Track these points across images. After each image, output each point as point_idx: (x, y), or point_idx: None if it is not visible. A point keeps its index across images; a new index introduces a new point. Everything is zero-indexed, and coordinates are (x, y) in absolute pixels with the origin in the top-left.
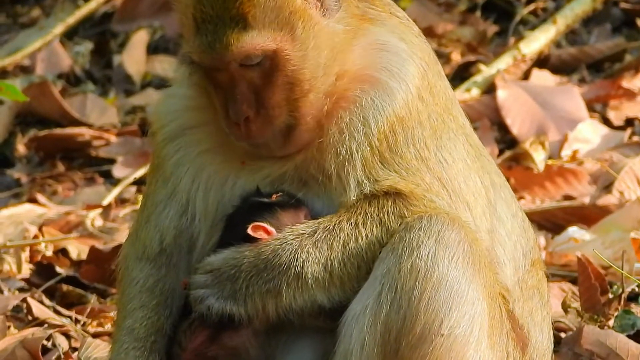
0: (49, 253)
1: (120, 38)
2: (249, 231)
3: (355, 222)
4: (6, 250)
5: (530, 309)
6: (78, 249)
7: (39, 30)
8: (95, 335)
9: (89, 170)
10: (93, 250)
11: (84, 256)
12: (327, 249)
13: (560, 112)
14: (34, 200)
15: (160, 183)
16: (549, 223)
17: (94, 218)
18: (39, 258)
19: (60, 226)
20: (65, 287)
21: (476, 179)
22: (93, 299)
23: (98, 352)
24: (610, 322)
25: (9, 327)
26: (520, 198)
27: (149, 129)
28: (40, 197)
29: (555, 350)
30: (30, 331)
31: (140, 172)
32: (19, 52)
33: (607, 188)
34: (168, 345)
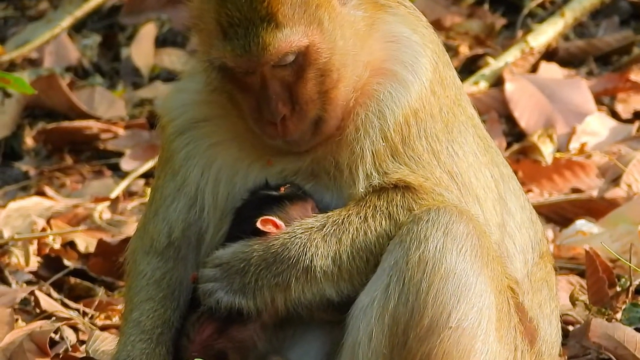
0: (57, 246)
1: (128, 31)
2: (258, 225)
3: (365, 216)
4: (14, 243)
5: (539, 302)
6: (86, 242)
7: (46, 23)
8: (103, 328)
9: (96, 163)
10: (101, 243)
11: (91, 249)
12: (336, 242)
13: (568, 105)
14: (42, 193)
15: (169, 176)
16: (557, 216)
17: (101, 211)
18: (47, 251)
19: (68, 219)
20: (73, 280)
21: (486, 172)
22: (101, 291)
23: (106, 345)
24: (618, 315)
25: (17, 320)
26: (529, 191)
27: (158, 122)
28: (48, 190)
29: (563, 344)
30: (38, 324)
31: (148, 165)
32: (27, 45)
33: (615, 181)
34: (175, 337)
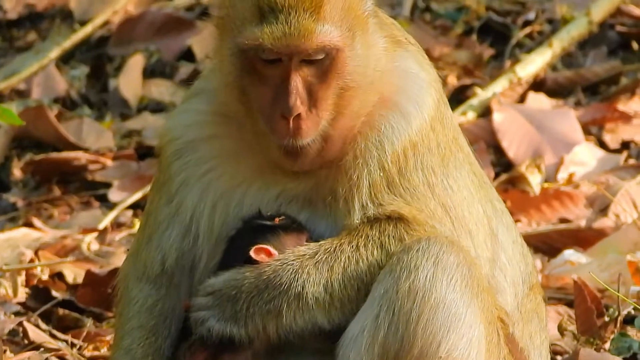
0: (45, 277)
1: (117, 62)
2: (251, 253)
3: (357, 245)
4: (2, 274)
5: (530, 333)
6: (74, 273)
7: (35, 54)
8: (91, 359)
9: (85, 194)
10: (89, 274)
11: (80, 280)
12: (328, 270)
13: (556, 135)
14: (30, 224)
15: (164, 201)
16: (545, 246)
17: (90, 242)
18: (35, 282)
19: (56, 250)
20: (61, 311)
21: (479, 207)
22: (89, 322)
23: None
24: (607, 345)
25: (5, 351)
26: (517, 221)
27: (158, 143)
28: (36, 221)
29: None
30: (26, 355)
31: (137, 196)
32: (15, 76)
33: (603, 211)
34: None
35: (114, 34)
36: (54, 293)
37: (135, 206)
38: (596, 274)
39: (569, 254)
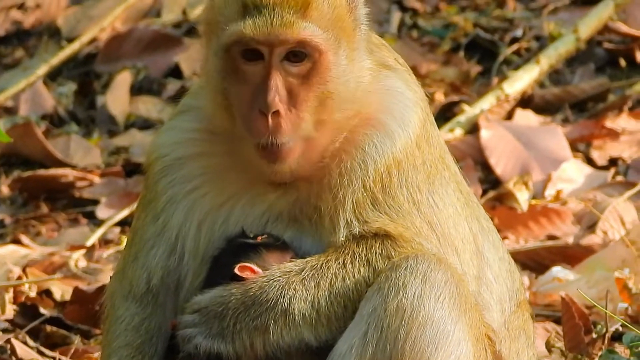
0: (33, 294)
1: (104, 79)
2: (236, 271)
3: (343, 262)
4: None
5: (517, 350)
6: (62, 290)
7: (22, 71)
8: None
9: (72, 211)
10: (77, 291)
11: (67, 297)
12: (315, 287)
13: (544, 152)
14: (17, 241)
15: (150, 218)
16: (533, 263)
17: (77, 259)
18: (23, 299)
19: (44, 267)
20: (49, 328)
21: (465, 225)
22: (77, 339)
23: None
24: None
25: None
26: (504, 238)
27: (145, 160)
28: (24, 238)
29: None
30: None
31: (124, 213)
32: (3, 93)
33: (591, 228)
34: None
35: (102, 51)
36: (42, 310)
37: (122, 223)
38: (584, 291)
39: (557, 270)
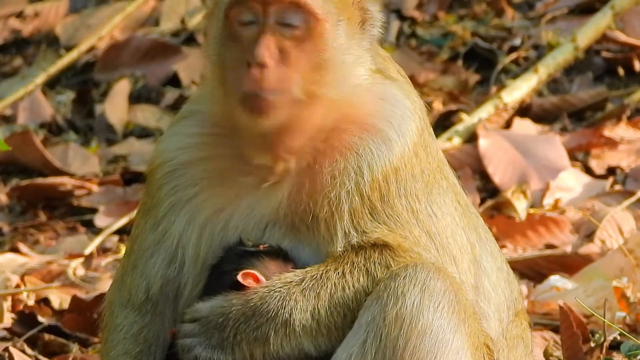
0: (31, 302)
1: (102, 87)
2: (239, 278)
3: (342, 272)
4: None
5: (516, 359)
6: (60, 298)
7: (20, 80)
8: None
9: (70, 219)
10: (75, 300)
11: (65, 305)
12: (315, 297)
13: (542, 161)
14: (16, 250)
15: (150, 226)
16: (531, 272)
17: (75, 267)
18: (21, 307)
19: (42, 275)
20: (47, 337)
21: (463, 235)
22: (75, 348)
23: None
24: None
25: None
26: (503, 247)
27: (148, 166)
28: (22, 247)
29: None
30: None
31: (122, 222)
32: (1, 102)
33: (589, 237)
34: None
35: (100, 60)
36: (40, 318)
37: (121, 231)
38: (582, 300)
39: (555, 279)
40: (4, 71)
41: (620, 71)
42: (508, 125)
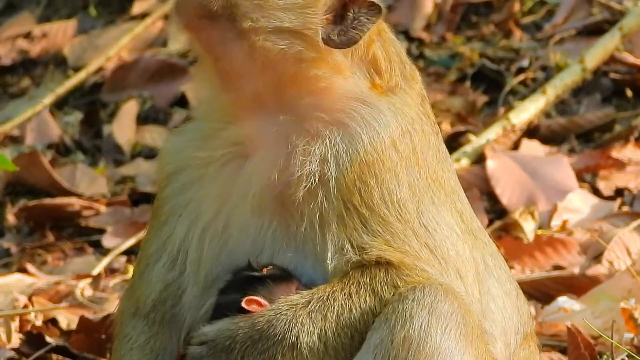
0: (39, 323)
1: (110, 108)
2: (243, 304)
3: (349, 292)
4: None
5: None
6: (68, 319)
7: (28, 100)
8: None
9: (78, 240)
10: (83, 320)
11: (73, 326)
12: (322, 319)
13: (550, 182)
14: (23, 270)
15: (154, 230)
16: (539, 293)
17: (83, 288)
18: (29, 328)
19: (50, 296)
20: (55, 357)
21: (464, 247)
22: None
23: None
24: None
25: None
26: (510, 268)
27: (156, 170)
28: (30, 267)
29: None
30: None
31: (130, 242)
32: (9, 122)
33: (597, 258)
34: None
35: (108, 80)
36: (48, 339)
37: (129, 252)
38: (590, 321)
39: (563, 300)
40: (12, 92)
41: (629, 92)
42: (516, 146)
